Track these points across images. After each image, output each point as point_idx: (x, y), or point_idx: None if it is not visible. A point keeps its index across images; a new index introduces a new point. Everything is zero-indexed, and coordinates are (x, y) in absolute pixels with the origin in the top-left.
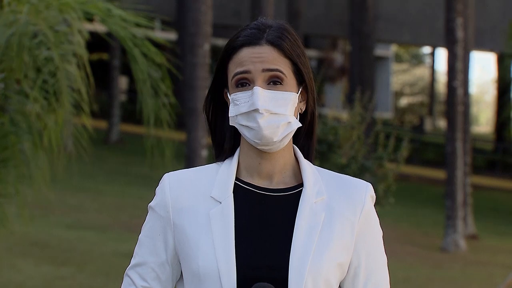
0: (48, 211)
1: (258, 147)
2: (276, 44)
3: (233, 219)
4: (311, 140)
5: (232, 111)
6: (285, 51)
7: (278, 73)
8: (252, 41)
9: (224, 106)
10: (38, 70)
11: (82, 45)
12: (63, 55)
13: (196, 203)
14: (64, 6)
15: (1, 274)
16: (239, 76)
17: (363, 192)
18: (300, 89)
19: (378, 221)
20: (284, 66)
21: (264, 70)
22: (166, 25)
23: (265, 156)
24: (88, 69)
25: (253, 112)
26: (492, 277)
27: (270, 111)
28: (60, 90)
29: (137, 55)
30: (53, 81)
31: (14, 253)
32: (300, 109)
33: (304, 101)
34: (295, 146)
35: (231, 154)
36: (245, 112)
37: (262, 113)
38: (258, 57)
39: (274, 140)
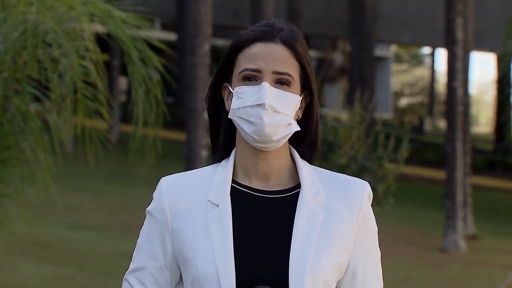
0: (48, 211)
1: (253, 144)
2: (289, 44)
3: (231, 222)
4: (315, 149)
5: (235, 104)
6: (297, 53)
7: (287, 76)
8: (267, 37)
9: (221, 100)
10: (53, 71)
11: (92, 40)
12: (76, 51)
13: (194, 206)
14: (66, 5)
15: (1, 274)
16: (248, 72)
17: (361, 191)
18: (303, 95)
19: (374, 218)
20: (293, 70)
21: (274, 72)
22: (166, 25)
23: (260, 156)
24: (102, 65)
25: (258, 107)
26: (492, 277)
27: (274, 109)
28: (70, 88)
29: (134, 57)
30: (59, 80)
31: (14, 253)
32: (298, 115)
33: (302, 109)
34: (291, 147)
35: (226, 154)
36: (249, 106)
37: (267, 109)
38: (271, 55)
39: (273, 139)
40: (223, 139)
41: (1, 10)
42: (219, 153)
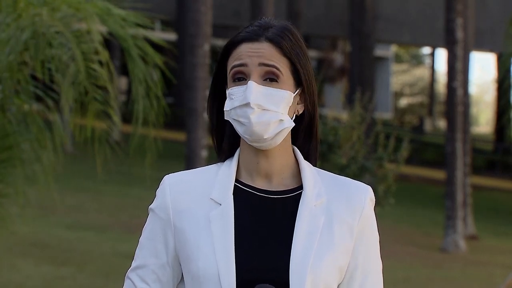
0: (48, 211)
1: (249, 143)
2: (275, 41)
3: (233, 221)
4: (310, 142)
5: (227, 105)
6: (284, 50)
7: (274, 69)
8: (252, 37)
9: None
10: (56, 70)
11: (101, 43)
12: (84, 54)
13: (196, 205)
14: (62, 3)
15: (1, 274)
16: (236, 69)
17: (363, 195)
18: (298, 90)
19: (376, 224)
20: (281, 64)
21: (260, 64)
22: (166, 25)
23: (262, 155)
24: (112, 67)
25: (245, 106)
26: (492, 277)
27: (261, 107)
28: (78, 91)
29: (134, 55)
30: (62, 80)
31: (14, 253)
32: (297, 110)
33: (303, 103)
34: (295, 147)
35: (230, 154)
36: (238, 106)
37: (253, 108)
38: (256, 52)
39: (265, 137)
40: (227, 144)
41: (10, 12)
42: (223, 155)
